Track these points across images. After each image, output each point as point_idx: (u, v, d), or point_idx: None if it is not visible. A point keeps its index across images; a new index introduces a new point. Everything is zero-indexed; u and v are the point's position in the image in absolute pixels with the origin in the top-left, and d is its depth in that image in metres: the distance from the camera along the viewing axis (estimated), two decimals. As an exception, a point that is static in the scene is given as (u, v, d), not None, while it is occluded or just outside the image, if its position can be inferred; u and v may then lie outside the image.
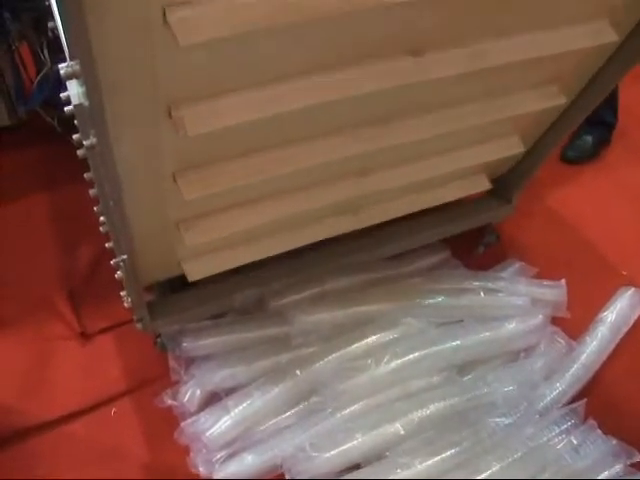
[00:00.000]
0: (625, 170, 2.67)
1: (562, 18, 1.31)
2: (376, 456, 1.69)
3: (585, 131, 2.65)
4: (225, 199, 1.44)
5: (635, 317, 2.05)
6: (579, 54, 1.43)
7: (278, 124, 1.22)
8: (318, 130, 1.36)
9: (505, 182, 2.04)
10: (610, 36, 1.37)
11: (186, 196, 1.29)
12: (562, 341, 1.95)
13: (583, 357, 1.90)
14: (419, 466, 1.63)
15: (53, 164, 2.51)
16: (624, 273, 2.23)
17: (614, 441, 1.73)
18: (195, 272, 1.69)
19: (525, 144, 1.82)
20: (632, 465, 1.69)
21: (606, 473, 1.66)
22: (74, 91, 1.08)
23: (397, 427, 1.70)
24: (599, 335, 1.95)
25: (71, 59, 1.07)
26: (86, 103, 0.99)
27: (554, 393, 1.83)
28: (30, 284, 2.12)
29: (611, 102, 2.56)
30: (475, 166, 1.81)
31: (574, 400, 1.83)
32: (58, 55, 1.98)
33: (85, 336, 1.98)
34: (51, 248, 2.24)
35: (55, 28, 1.44)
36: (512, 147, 1.80)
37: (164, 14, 0.87)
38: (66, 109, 1.12)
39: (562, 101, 1.59)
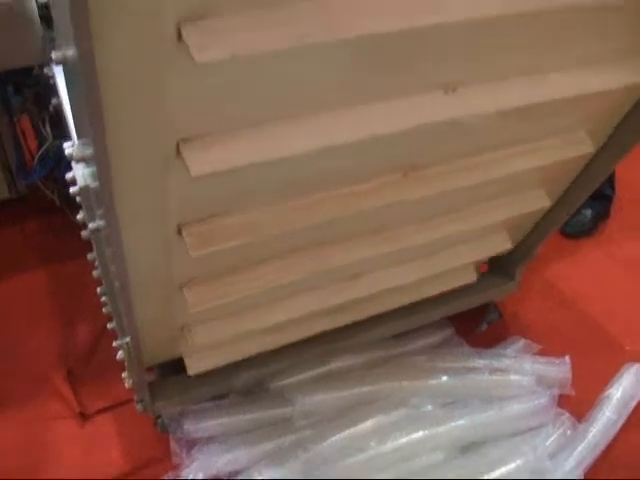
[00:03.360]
0: (624, 243, 2.68)
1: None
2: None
3: (584, 205, 2.66)
4: (228, 306, 1.44)
5: (641, 394, 2.02)
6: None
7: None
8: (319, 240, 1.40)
9: (507, 259, 2.04)
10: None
11: (191, 308, 1.32)
12: (568, 422, 1.92)
13: (590, 436, 1.86)
14: None
15: (53, 238, 2.51)
16: (627, 348, 2.21)
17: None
18: (195, 367, 1.69)
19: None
20: None
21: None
22: (80, 172, 1.07)
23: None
24: (606, 413, 1.92)
25: (79, 138, 1.07)
26: (93, 185, 0.98)
27: (560, 472, 1.79)
28: (28, 362, 2.08)
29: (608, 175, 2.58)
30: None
31: None
32: (59, 130, 2.00)
33: (84, 416, 1.95)
34: (50, 325, 2.21)
35: (58, 105, 1.45)
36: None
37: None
38: (71, 190, 1.11)
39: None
